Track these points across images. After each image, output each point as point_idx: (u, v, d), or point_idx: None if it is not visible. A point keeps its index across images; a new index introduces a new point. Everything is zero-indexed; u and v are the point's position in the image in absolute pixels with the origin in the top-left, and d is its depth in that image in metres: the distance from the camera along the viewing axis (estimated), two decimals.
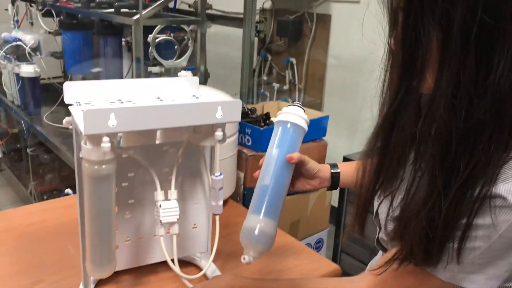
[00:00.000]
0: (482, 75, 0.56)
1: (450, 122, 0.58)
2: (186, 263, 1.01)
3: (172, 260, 0.89)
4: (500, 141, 0.58)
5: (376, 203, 0.79)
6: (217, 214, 0.89)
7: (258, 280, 0.90)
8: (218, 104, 0.82)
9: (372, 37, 0.74)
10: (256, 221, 0.81)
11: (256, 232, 0.81)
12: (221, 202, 0.88)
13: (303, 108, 0.92)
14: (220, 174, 0.86)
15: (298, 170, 0.93)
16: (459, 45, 0.55)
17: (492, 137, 0.57)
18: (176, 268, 0.88)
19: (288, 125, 0.89)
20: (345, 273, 1.08)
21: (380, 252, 0.95)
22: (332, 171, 0.97)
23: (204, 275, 0.98)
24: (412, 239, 0.64)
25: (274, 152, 0.88)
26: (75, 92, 0.88)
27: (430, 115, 0.59)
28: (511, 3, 0.54)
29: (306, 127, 0.91)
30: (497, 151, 0.58)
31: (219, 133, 0.84)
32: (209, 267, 0.99)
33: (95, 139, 0.75)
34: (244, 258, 0.80)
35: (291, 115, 0.89)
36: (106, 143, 0.73)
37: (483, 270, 0.65)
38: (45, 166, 2.85)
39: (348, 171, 0.98)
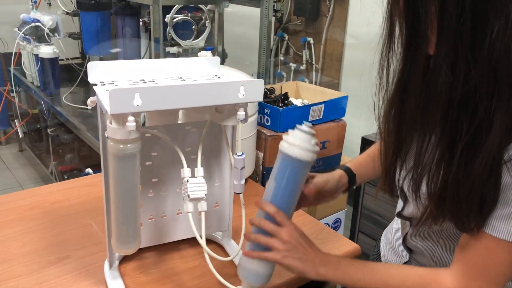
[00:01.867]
0: (478, 40, 0.58)
1: (451, 86, 0.60)
2: (208, 241, 1.03)
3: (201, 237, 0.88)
4: (499, 106, 0.59)
5: (400, 179, 0.79)
6: (239, 193, 0.89)
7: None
8: (241, 84, 0.82)
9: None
10: (252, 262, 0.83)
11: (251, 272, 0.84)
12: (243, 181, 0.88)
13: (311, 131, 0.81)
14: (242, 154, 0.86)
15: (320, 196, 0.94)
16: (454, 12, 0.58)
17: (491, 100, 0.59)
18: (203, 243, 0.86)
19: (289, 158, 0.80)
20: (363, 253, 1.09)
21: (396, 220, 0.97)
22: (349, 177, 0.98)
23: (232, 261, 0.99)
24: (454, 208, 0.65)
25: (271, 186, 0.83)
26: (99, 72, 0.89)
27: (433, 80, 0.61)
28: None
29: (309, 159, 0.80)
30: (498, 116, 0.60)
31: (241, 113, 0.84)
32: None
33: (121, 119, 0.76)
34: None
35: (293, 148, 0.80)
36: (131, 123, 0.74)
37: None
38: (65, 146, 2.90)
39: (363, 173, 0.99)
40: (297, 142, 0.80)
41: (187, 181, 0.85)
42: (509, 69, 0.59)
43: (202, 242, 0.85)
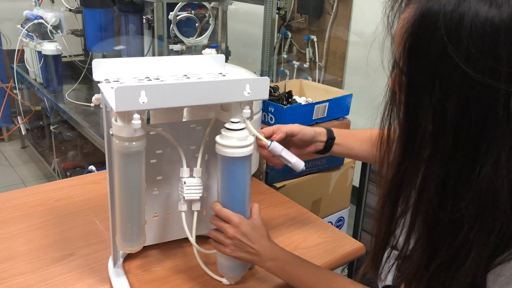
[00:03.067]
0: (468, 172, 0.55)
1: (438, 207, 0.57)
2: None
3: (198, 236, 0.90)
4: (480, 240, 0.57)
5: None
6: (301, 169, 0.90)
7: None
8: (247, 82, 0.81)
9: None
10: (222, 256, 0.89)
11: (223, 266, 0.90)
12: (294, 159, 0.89)
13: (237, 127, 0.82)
14: (272, 142, 0.87)
15: (289, 143, 0.95)
16: (450, 138, 0.55)
17: (471, 232, 0.56)
18: (193, 242, 0.90)
19: (219, 157, 0.84)
20: (366, 251, 1.09)
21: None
22: (328, 138, 0.99)
23: None
24: None
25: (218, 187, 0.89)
26: (104, 69, 0.89)
27: (422, 200, 0.59)
28: (504, 107, 0.52)
29: (233, 155, 0.82)
30: (477, 249, 0.57)
31: (247, 111, 0.84)
32: None
33: (126, 116, 0.75)
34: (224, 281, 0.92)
35: (218, 147, 0.83)
36: (137, 120, 0.74)
37: None
38: (68, 143, 2.90)
39: (343, 142, 1.00)
40: (221, 141, 0.82)
41: (184, 182, 0.87)
42: (492, 209, 0.56)
43: (192, 239, 0.89)
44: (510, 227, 0.56)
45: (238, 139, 0.82)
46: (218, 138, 0.83)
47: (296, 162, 0.89)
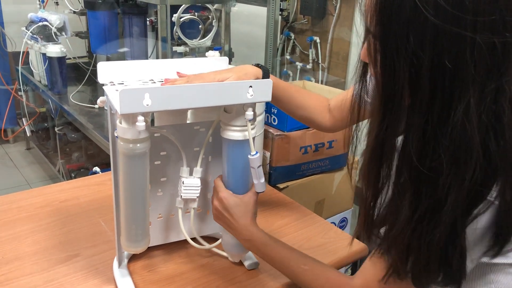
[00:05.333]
0: (444, 118, 0.59)
1: (420, 156, 0.61)
2: (216, 240, 1.03)
3: (197, 238, 0.91)
4: (456, 185, 0.60)
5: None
6: (260, 192, 0.90)
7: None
8: (249, 84, 0.82)
9: None
10: (227, 235, 0.93)
11: (228, 243, 0.94)
12: (262, 180, 0.89)
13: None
14: (256, 153, 0.87)
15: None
16: (427, 87, 0.58)
17: (449, 177, 0.60)
18: (189, 240, 0.92)
19: (223, 139, 0.89)
20: (369, 251, 1.10)
21: None
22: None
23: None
24: (395, 257, 0.68)
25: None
26: (109, 72, 0.90)
27: (406, 147, 0.62)
28: (470, 54, 0.56)
29: (231, 137, 0.86)
30: (454, 194, 0.60)
31: (249, 113, 0.85)
32: None
33: (130, 118, 0.76)
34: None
35: (222, 130, 0.88)
36: (141, 122, 0.75)
37: None
38: (72, 145, 2.92)
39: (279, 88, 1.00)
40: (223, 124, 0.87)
41: (183, 182, 0.89)
42: (466, 153, 0.59)
43: (187, 236, 0.92)
44: (482, 171, 0.59)
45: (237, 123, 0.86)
46: (221, 123, 0.88)
47: (263, 183, 0.89)
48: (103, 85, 0.87)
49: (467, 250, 0.66)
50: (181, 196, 0.91)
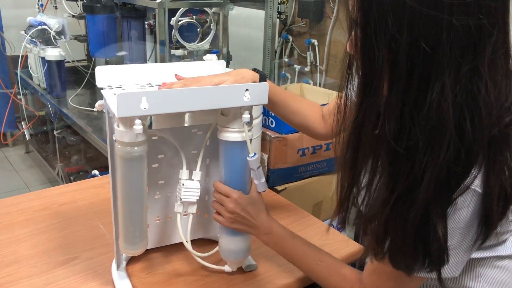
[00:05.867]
0: (421, 98, 0.61)
1: (397, 137, 0.63)
2: (214, 242, 1.04)
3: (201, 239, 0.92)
4: (432, 164, 0.62)
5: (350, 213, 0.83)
6: (262, 191, 0.92)
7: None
8: (246, 87, 0.83)
9: None
10: (226, 242, 0.94)
11: (226, 250, 0.94)
12: (263, 179, 0.91)
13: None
14: (255, 154, 0.88)
15: None
16: (404, 70, 0.61)
17: (425, 155, 0.62)
18: (188, 245, 0.92)
19: (219, 141, 0.89)
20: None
21: None
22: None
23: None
24: (371, 238, 0.71)
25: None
26: (106, 76, 0.91)
27: (383, 127, 0.64)
28: (446, 36, 0.59)
29: (228, 138, 0.87)
30: (430, 173, 0.62)
31: (246, 116, 0.86)
32: None
33: (128, 122, 0.77)
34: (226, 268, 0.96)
35: (219, 132, 0.89)
36: (138, 126, 0.76)
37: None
38: (71, 148, 2.93)
39: (275, 93, 1.00)
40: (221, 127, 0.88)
41: (183, 184, 0.89)
42: (441, 132, 0.61)
43: (183, 239, 0.91)
44: (456, 150, 0.62)
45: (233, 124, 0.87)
46: (218, 125, 0.88)
47: (264, 183, 0.91)
48: (101, 89, 0.88)
49: (459, 241, 0.68)
50: (180, 199, 0.90)
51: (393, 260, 0.71)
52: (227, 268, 0.95)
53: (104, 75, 0.90)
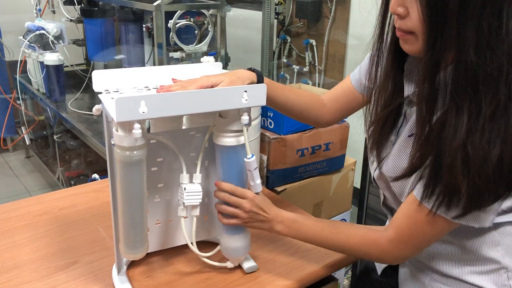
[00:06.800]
0: (495, 26, 0.67)
1: (478, 65, 0.68)
2: (214, 244, 1.04)
3: (198, 242, 0.92)
4: None
5: (372, 170, 0.90)
6: (257, 192, 0.93)
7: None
8: (244, 89, 0.83)
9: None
10: (228, 240, 0.96)
11: (228, 248, 0.96)
12: (258, 181, 0.91)
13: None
14: (252, 156, 0.88)
15: None
16: (479, 2, 0.66)
17: (508, 79, 0.68)
18: (196, 250, 0.92)
19: (216, 146, 0.91)
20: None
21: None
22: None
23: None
24: (454, 176, 0.71)
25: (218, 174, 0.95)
26: (103, 80, 0.91)
27: (461, 61, 0.69)
28: None
29: (224, 143, 0.89)
30: None
31: (245, 117, 0.86)
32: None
33: (127, 126, 0.77)
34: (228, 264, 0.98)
35: (215, 137, 0.90)
36: (137, 130, 0.76)
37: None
38: (71, 152, 2.93)
39: (274, 89, 1.01)
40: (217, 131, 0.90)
41: (184, 188, 0.89)
42: None
43: (188, 241, 0.93)
44: None
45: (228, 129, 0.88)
46: (214, 130, 0.90)
47: (259, 184, 0.92)
48: (98, 93, 0.88)
49: None
50: (183, 203, 0.90)
51: (471, 201, 0.72)
52: (229, 264, 0.98)
53: (101, 79, 0.90)
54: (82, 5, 2.65)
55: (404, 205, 0.84)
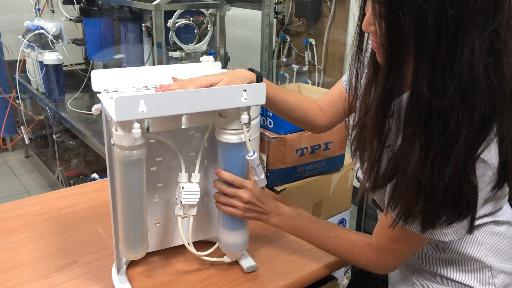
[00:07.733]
0: (451, 62, 0.66)
1: (430, 100, 0.67)
2: (213, 244, 1.04)
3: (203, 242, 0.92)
4: (467, 119, 0.68)
5: (355, 173, 0.92)
6: (262, 188, 0.94)
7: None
8: (243, 88, 0.83)
9: None
10: (226, 236, 0.96)
11: (227, 244, 0.96)
12: (263, 176, 0.93)
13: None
14: (254, 153, 0.89)
15: None
16: (432, 37, 0.65)
17: (459, 114, 0.67)
18: (191, 248, 0.92)
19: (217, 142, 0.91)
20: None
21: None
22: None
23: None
24: (408, 200, 0.74)
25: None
26: (102, 80, 0.91)
27: (415, 93, 0.69)
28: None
29: (224, 140, 0.89)
30: (464, 128, 0.68)
31: (245, 116, 0.86)
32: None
33: (126, 126, 0.77)
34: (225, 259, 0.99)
35: (217, 134, 0.90)
36: (137, 129, 0.76)
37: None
38: (70, 152, 2.93)
39: (273, 91, 1.01)
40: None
41: (182, 187, 0.89)
42: (472, 88, 0.67)
43: (184, 241, 0.92)
44: (488, 103, 0.68)
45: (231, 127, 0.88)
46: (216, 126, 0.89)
47: (263, 179, 0.93)
48: (97, 93, 0.88)
49: (480, 189, 0.73)
50: (181, 202, 0.90)
51: (426, 219, 0.74)
52: (226, 259, 0.98)
53: (100, 79, 0.90)
54: (81, 4, 2.65)
55: (382, 215, 0.86)
